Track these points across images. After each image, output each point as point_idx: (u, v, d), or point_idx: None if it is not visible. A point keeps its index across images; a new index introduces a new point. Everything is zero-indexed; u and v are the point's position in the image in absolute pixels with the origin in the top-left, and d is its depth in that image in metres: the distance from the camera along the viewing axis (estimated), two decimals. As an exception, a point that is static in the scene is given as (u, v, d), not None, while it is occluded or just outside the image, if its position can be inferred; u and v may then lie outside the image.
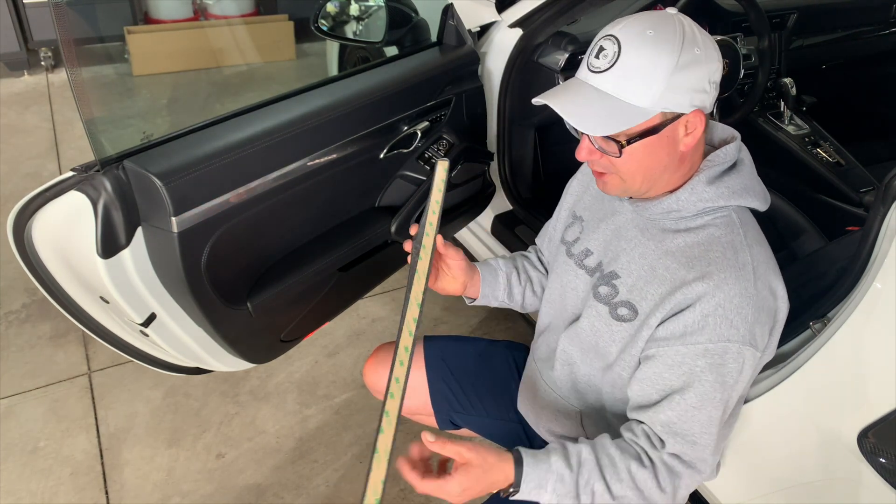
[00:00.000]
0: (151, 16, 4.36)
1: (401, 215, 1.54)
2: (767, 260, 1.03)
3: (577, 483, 0.99)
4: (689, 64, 0.92)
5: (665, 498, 1.01)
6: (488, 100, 1.76)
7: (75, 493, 1.77)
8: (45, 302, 1.94)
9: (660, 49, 0.91)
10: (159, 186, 1.04)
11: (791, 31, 2.11)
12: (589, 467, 0.99)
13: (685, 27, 0.94)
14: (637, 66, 0.92)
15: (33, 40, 4.05)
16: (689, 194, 1.01)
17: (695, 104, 0.95)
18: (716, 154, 1.03)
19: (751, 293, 0.96)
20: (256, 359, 1.48)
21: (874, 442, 1.05)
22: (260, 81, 4.07)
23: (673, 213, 1.02)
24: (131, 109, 3.66)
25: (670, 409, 0.99)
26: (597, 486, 0.99)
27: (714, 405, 0.99)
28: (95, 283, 1.15)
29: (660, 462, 1.00)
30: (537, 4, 1.71)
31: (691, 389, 0.98)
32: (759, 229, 1.06)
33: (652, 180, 1.02)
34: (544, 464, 0.99)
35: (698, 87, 0.94)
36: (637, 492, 1.00)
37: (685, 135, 0.97)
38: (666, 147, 0.98)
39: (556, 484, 0.99)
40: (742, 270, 0.97)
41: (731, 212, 1.02)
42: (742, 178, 1.03)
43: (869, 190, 1.87)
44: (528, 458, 0.99)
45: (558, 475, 0.99)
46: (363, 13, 1.95)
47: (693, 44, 0.93)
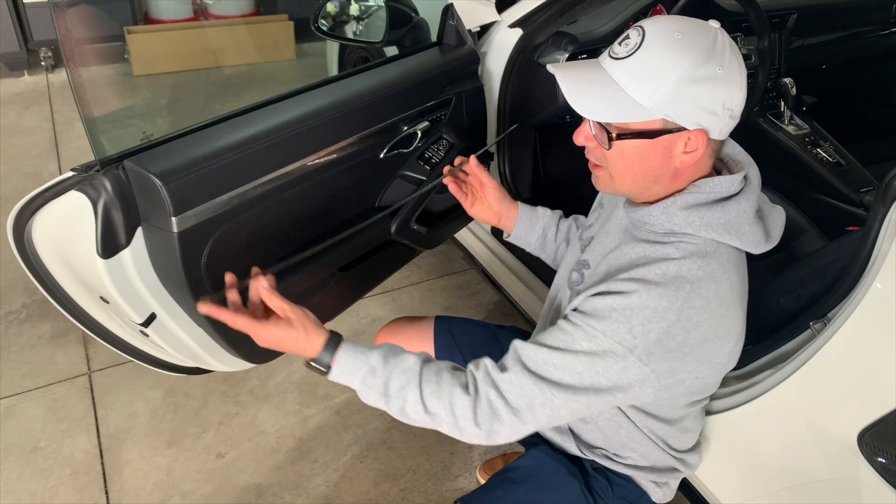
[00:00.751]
0: (151, 16, 4.36)
1: (401, 215, 1.54)
2: (719, 305, 0.95)
3: (389, 383, 1.00)
4: (704, 79, 0.88)
5: (478, 434, 0.98)
6: (488, 100, 1.76)
7: (75, 493, 1.77)
8: (45, 302, 1.94)
9: (680, 54, 0.88)
10: (159, 186, 1.04)
11: (791, 31, 2.11)
12: (409, 375, 1.00)
13: (717, 43, 0.90)
14: (651, 63, 0.90)
15: (33, 40, 4.05)
16: (660, 212, 0.97)
17: (700, 123, 0.91)
18: (706, 182, 0.97)
19: (669, 317, 0.91)
20: (256, 359, 1.48)
21: (874, 442, 1.05)
22: (260, 81, 4.07)
23: (646, 226, 1.00)
24: (131, 109, 3.66)
25: (530, 356, 0.97)
26: (411, 395, 0.99)
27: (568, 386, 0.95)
28: (95, 283, 1.15)
29: (485, 397, 0.97)
30: (537, 4, 1.71)
31: (559, 357, 0.96)
32: (737, 273, 0.99)
33: (641, 186, 1.00)
34: (363, 355, 1.02)
35: (708, 107, 0.90)
36: (452, 416, 0.98)
37: (683, 152, 0.94)
38: (660, 157, 0.95)
39: (367, 375, 1.01)
40: (674, 293, 0.92)
41: (704, 243, 0.96)
42: (726, 214, 0.96)
43: (869, 190, 1.88)
44: (349, 345, 1.03)
45: (370, 368, 1.01)
46: (363, 13, 1.94)
47: (717, 62, 0.89)
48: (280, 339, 1.01)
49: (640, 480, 1.22)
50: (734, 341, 1.02)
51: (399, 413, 1.02)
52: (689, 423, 1.17)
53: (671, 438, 1.17)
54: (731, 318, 0.98)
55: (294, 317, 1.01)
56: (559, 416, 0.97)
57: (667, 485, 1.24)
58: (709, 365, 1.01)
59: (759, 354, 1.32)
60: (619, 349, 0.92)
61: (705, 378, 1.03)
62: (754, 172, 1.03)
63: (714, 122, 0.92)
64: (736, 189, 0.98)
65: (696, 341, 0.94)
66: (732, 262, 0.98)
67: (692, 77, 0.88)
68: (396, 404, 1.01)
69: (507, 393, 0.97)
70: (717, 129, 0.93)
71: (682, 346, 0.94)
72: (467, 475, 1.90)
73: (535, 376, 0.96)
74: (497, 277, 2.13)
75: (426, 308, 2.47)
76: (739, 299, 1.00)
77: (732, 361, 1.07)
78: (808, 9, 2.17)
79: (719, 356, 1.01)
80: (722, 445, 1.33)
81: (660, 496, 1.24)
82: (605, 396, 0.95)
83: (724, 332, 0.98)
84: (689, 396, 1.08)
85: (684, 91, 0.89)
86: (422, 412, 0.99)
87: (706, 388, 1.09)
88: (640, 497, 1.23)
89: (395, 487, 1.84)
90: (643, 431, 1.14)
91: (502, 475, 1.26)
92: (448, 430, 1.00)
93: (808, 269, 1.40)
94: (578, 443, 1.23)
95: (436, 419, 0.99)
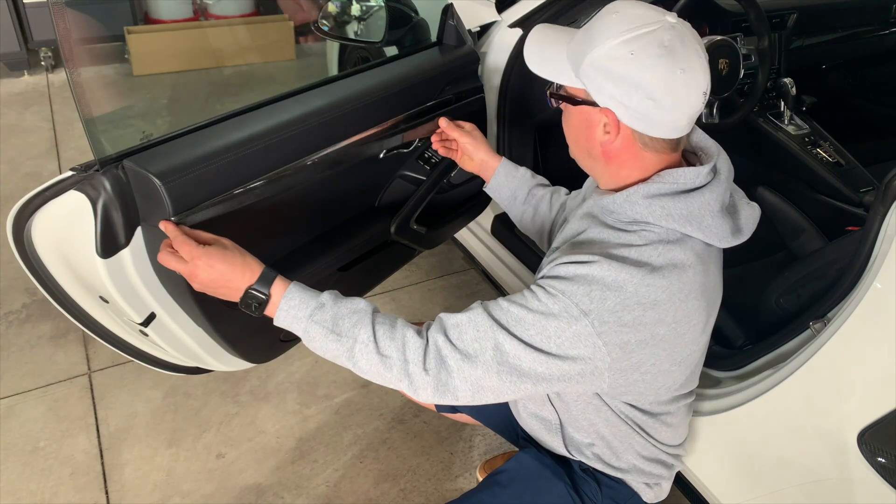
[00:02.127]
0: (151, 16, 4.36)
1: (400, 215, 1.54)
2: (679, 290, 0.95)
3: (339, 321, 0.96)
4: (619, 57, 0.90)
5: (426, 382, 0.95)
6: (488, 100, 1.76)
7: (75, 493, 1.77)
8: (45, 302, 1.94)
9: (609, 30, 0.92)
10: (158, 186, 1.04)
11: (791, 31, 2.10)
12: (361, 315, 0.97)
13: (653, 30, 0.90)
14: (587, 34, 0.95)
15: (33, 40, 4.05)
16: (623, 199, 0.98)
17: (610, 105, 0.94)
18: (670, 172, 0.97)
19: (627, 289, 0.92)
20: (256, 358, 1.48)
21: (874, 442, 1.05)
22: (260, 81, 4.06)
23: (612, 214, 1.01)
24: (131, 109, 3.66)
25: (486, 305, 0.98)
26: (362, 333, 0.96)
27: (518, 339, 0.93)
28: (95, 282, 1.15)
29: (433, 343, 0.96)
30: (537, 4, 1.71)
31: (515, 308, 0.95)
32: (701, 265, 0.99)
33: (582, 158, 1.06)
34: (312, 291, 1.00)
35: (619, 86, 0.91)
36: (403, 359, 0.95)
37: (605, 132, 0.97)
38: (584, 128, 1.00)
39: (316, 311, 0.97)
40: (635, 269, 0.93)
41: (667, 232, 0.97)
42: (689, 205, 0.96)
43: (869, 190, 1.87)
44: (298, 285, 1.00)
45: (319, 303, 0.98)
46: (363, 13, 1.94)
47: (639, 45, 0.89)
48: (219, 269, 0.98)
49: (630, 481, 1.21)
50: (694, 334, 1.01)
51: (347, 356, 0.97)
52: (673, 419, 1.17)
53: (653, 430, 1.16)
54: (691, 307, 0.98)
55: (227, 241, 1.01)
56: (508, 367, 0.93)
57: (658, 485, 1.24)
58: (667, 354, 1.00)
59: (759, 354, 1.32)
60: (575, 310, 0.91)
61: (664, 370, 1.02)
62: (724, 165, 1.02)
63: (622, 110, 0.93)
64: (701, 181, 0.97)
65: (652, 321, 0.94)
66: (697, 253, 0.98)
67: (609, 55, 0.91)
68: (346, 344, 0.96)
69: (456, 337, 0.95)
70: (628, 115, 0.94)
71: (637, 323, 0.93)
72: (467, 475, 1.90)
73: (487, 317, 0.95)
74: (497, 277, 2.13)
75: (426, 308, 2.47)
76: (701, 290, 0.99)
77: (694, 360, 1.06)
78: (808, 9, 2.16)
79: (677, 346, 1.00)
80: (722, 445, 1.33)
81: (651, 496, 1.24)
82: (554, 362, 0.93)
83: (682, 319, 0.97)
84: (652, 390, 1.06)
85: (600, 63, 0.93)
86: (373, 353, 0.95)
87: (668, 384, 1.07)
88: (630, 498, 1.23)
89: (395, 487, 1.84)
90: (620, 416, 1.13)
91: (490, 479, 1.26)
92: (397, 378, 0.96)
93: (808, 269, 1.40)
94: (567, 441, 1.22)
95: (387, 363, 0.95)
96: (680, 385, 1.10)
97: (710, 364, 1.43)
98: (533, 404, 1.25)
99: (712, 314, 1.08)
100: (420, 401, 1.00)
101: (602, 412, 1.13)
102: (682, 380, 1.10)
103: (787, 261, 1.88)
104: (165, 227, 1.03)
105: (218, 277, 0.99)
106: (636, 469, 1.20)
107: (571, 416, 1.18)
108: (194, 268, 0.99)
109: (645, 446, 1.18)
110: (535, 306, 0.94)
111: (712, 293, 1.05)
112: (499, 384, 0.94)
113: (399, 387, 0.97)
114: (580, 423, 1.18)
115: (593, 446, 1.20)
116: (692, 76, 0.91)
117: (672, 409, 1.15)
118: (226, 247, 1.01)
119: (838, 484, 1.14)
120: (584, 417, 1.16)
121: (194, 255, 0.98)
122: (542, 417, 1.25)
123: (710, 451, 1.35)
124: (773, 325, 1.38)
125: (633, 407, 1.12)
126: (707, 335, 1.10)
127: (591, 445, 1.20)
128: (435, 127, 1.46)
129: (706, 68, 0.93)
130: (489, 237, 2.12)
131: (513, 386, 0.95)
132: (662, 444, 1.19)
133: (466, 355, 0.94)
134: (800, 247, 1.93)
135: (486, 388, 0.95)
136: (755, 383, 1.26)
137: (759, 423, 1.25)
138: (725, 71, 1.78)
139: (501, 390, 0.96)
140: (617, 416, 1.13)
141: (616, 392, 1.06)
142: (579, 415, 1.16)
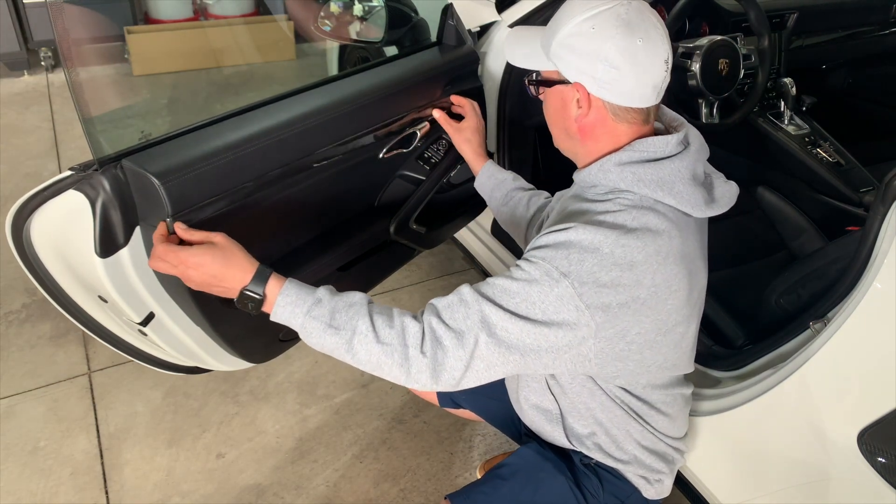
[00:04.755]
0: (151, 16, 4.37)
1: (400, 215, 1.54)
2: (655, 252, 0.98)
3: (336, 314, 0.98)
4: (583, 33, 0.99)
5: (424, 362, 0.96)
6: (488, 100, 1.76)
7: (75, 493, 1.77)
8: (45, 302, 1.94)
9: (572, 9, 1.01)
10: (157, 186, 1.04)
11: (791, 31, 2.10)
12: (357, 308, 0.99)
13: (615, 8, 0.98)
14: (556, 17, 1.04)
15: (33, 40, 4.05)
16: (597, 169, 1.04)
17: (580, 79, 1.01)
18: (640, 141, 1.03)
19: (603, 250, 0.95)
20: (255, 358, 1.48)
21: (874, 442, 1.05)
22: (260, 81, 4.06)
23: (591, 188, 1.06)
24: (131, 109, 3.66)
25: (475, 285, 1.00)
26: (361, 324, 0.97)
27: (505, 309, 0.95)
28: (93, 282, 1.15)
29: (428, 325, 0.98)
30: (537, 4, 1.71)
31: (500, 281, 0.98)
32: (678, 231, 1.02)
33: (562, 140, 1.12)
34: (309, 287, 1.01)
35: (585, 59, 0.99)
36: (403, 345, 0.96)
37: (577, 108, 1.03)
38: (560, 108, 1.07)
39: (313, 306, 0.98)
40: (609, 230, 0.96)
41: (641, 199, 1.00)
42: (660, 171, 1.01)
43: (869, 190, 1.87)
44: (294, 282, 1.01)
45: (317, 299, 0.99)
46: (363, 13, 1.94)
47: (601, 21, 0.97)
48: (209, 270, 0.98)
49: (630, 476, 1.22)
50: (677, 302, 1.02)
51: (346, 348, 0.97)
52: (669, 408, 1.18)
53: (648, 416, 1.17)
54: (670, 271, 1.00)
55: (219, 238, 1.01)
56: (497, 339, 0.95)
57: (660, 482, 1.24)
58: (651, 322, 1.01)
59: (759, 354, 1.32)
60: (555, 273, 0.95)
61: (650, 341, 1.03)
62: (695, 139, 1.08)
63: (590, 81, 1.00)
64: (671, 151, 1.03)
65: (630, 282, 0.96)
66: (671, 220, 1.01)
67: (573, 32, 0.99)
68: (344, 336, 0.97)
69: (448, 316, 0.98)
70: (596, 86, 1.00)
71: (615, 284, 0.95)
72: (467, 475, 1.90)
73: (475, 293, 0.98)
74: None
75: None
76: (680, 256, 1.02)
77: (680, 334, 1.07)
78: (808, 9, 2.16)
79: (660, 314, 1.01)
80: (722, 445, 1.33)
81: (652, 493, 1.24)
82: (542, 329, 0.95)
83: (661, 283, 0.99)
84: (643, 368, 1.07)
85: (567, 41, 1.00)
86: (372, 342, 0.96)
87: (658, 361, 1.07)
88: (631, 494, 1.23)
89: (395, 487, 1.84)
90: (615, 401, 1.14)
91: (491, 472, 1.27)
92: (397, 364, 0.97)
93: (808, 269, 1.40)
94: (568, 431, 1.23)
95: (387, 350, 0.96)
96: (672, 365, 1.11)
97: (710, 364, 1.43)
98: (534, 395, 1.26)
99: (696, 287, 1.09)
100: (419, 388, 1.00)
101: (597, 396, 1.14)
102: (674, 358, 1.10)
103: (787, 261, 1.88)
104: (153, 236, 1.03)
105: (209, 280, 0.99)
106: (636, 460, 1.20)
107: (570, 403, 1.19)
108: (185, 270, 0.99)
109: (643, 434, 1.18)
110: (518, 275, 0.97)
111: (693, 263, 1.06)
112: (489, 358, 0.96)
113: (398, 375, 0.98)
114: (579, 410, 1.19)
115: (594, 435, 1.20)
116: (650, 45, 0.98)
117: (667, 397, 1.16)
118: (217, 245, 1.00)
119: (838, 484, 1.13)
120: (581, 402, 1.17)
121: (181, 261, 0.99)
122: (542, 408, 1.25)
123: (710, 451, 1.35)
124: (773, 325, 1.38)
125: (626, 392, 1.14)
126: (694, 311, 1.10)
127: (592, 435, 1.21)
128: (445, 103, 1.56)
129: (665, 38, 1.00)
130: (489, 237, 2.12)
131: (502, 359, 0.96)
132: (661, 433, 1.19)
133: (459, 332, 0.96)
134: (800, 247, 1.93)
135: (477, 366, 0.97)
136: (755, 383, 1.26)
137: (759, 423, 1.25)
138: (725, 71, 1.77)
139: (492, 365, 0.97)
140: (612, 401, 1.14)
141: (606, 372, 1.06)
142: (577, 399, 1.17)
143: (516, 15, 1.76)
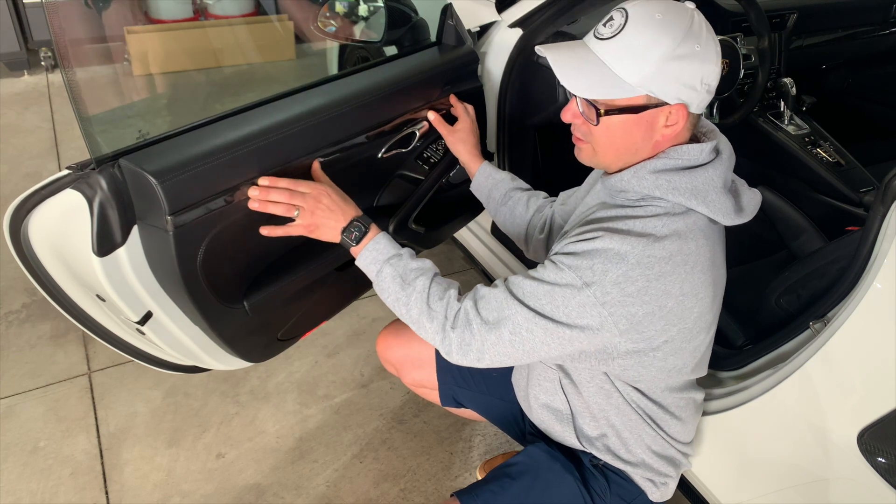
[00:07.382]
0: (151, 16, 4.36)
1: (399, 215, 1.54)
2: (683, 262, 0.99)
3: (408, 270, 1.13)
4: (684, 56, 0.94)
5: (453, 335, 1.07)
6: (488, 100, 1.76)
7: (75, 492, 1.76)
8: (45, 302, 1.94)
9: (661, 33, 0.94)
10: (155, 185, 1.04)
11: (791, 31, 2.10)
12: (425, 272, 1.13)
13: (694, 22, 0.95)
14: (635, 43, 0.95)
15: (33, 40, 4.06)
16: (631, 175, 1.03)
17: (681, 98, 0.97)
18: (675, 149, 1.02)
19: (629, 260, 0.96)
20: (254, 358, 1.48)
21: (874, 442, 1.04)
22: (260, 81, 4.06)
23: (621, 193, 1.05)
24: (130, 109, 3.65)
25: (511, 280, 1.06)
26: (420, 285, 1.11)
27: (531, 309, 1.01)
28: (91, 281, 1.15)
29: (464, 307, 1.07)
30: (537, 4, 1.71)
31: (529, 283, 1.03)
32: (706, 239, 1.02)
33: (622, 159, 1.06)
34: (396, 244, 1.17)
35: (688, 82, 0.96)
36: (444, 317, 1.08)
37: (665, 125, 1.00)
38: (643, 131, 1.01)
39: (394, 258, 1.14)
40: (636, 240, 0.97)
41: (672, 206, 1.01)
42: (693, 180, 1.00)
43: (869, 190, 1.87)
44: (386, 234, 1.18)
45: (398, 253, 1.15)
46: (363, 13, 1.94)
47: (695, 40, 0.95)
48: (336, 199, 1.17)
49: (637, 479, 1.22)
50: (703, 307, 1.04)
51: (405, 300, 1.11)
52: (682, 412, 1.18)
53: (663, 422, 1.17)
54: (697, 279, 1.01)
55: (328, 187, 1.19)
56: (521, 338, 1.02)
57: (665, 485, 1.24)
58: (677, 329, 1.02)
59: (759, 354, 1.31)
60: (578, 282, 0.97)
61: (676, 347, 1.04)
62: (726, 147, 1.08)
63: (693, 97, 0.98)
64: (705, 159, 1.03)
65: (658, 292, 0.97)
66: (701, 228, 1.02)
67: (673, 55, 0.94)
68: (407, 290, 1.11)
69: (482, 305, 1.06)
70: (695, 103, 0.99)
71: (642, 294, 0.96)
72: (467, 475, 1.89)
73: (507, 293, 1.04)
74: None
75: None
76: (709, 265, 1.03)
77: (702, 335, 1.08)
78: (808, 9, 2.16)
79: (687, 320, 1.02)
80: (722, 445, 1.33)
81: (657, 496, 1.24)
82: (564, 330, 1.00)
83: (689, 291, 1.00)
84: (663, 373, 1.09)
85: (667, 68, 0.95)
86: (423, 303, 1.09)
87: (678, 366, 1.09)
88: (637, 496, 1.23)
89: (395, 487, 1.84)
90: (631, 405, 1.14)
91: (499, 470, 1.26)
92: (435, 330, 1.09)
93: (808, 269, 1.40)
94: (578, 432, 1.23)
95: (431, 315, 1.09)
96: (691, 369, 1.12)
97: (710, 364, 1.43)
98: (544, 394, 1.26)
99: (718, 294, 1.10)
100: (450, 358, 1.09)
101: (613, 398, 1.15)
102: (693, 363, 1.11)
103: (787, 261, 1.88)
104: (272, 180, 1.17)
105: (333, 206, 1.16)
106: (644, 464, 1.21)
107: (584, 404, 1.19)
108: (319, 194, 1.16)
109: (655, 439, 1.18)
110: (545, 277, 1.02)
111: (717, 270, 1.07)
112: (511, 350, 1.04)
113: (434, 338, 1.10)
114: (592, 412, 1.19)
115: (605, 437, 1.21)
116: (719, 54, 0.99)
117: (681, 401, 1.17)
118: (331, 189, 1.18)
119: (838, 484, 1.13)
120: (595, 404, 1.17)
121: (316, 185, 1.17)
122: (553, 408, 1.25)
123: (710, 451, 1.35)
124: (773, 325, 1.38)
125: (643, 395, 1.14)
126: (714, 317, 1.11)
127: (603, 437, 1.21)
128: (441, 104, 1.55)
129: None
130: (489, 237, 2.12)
131: (524, 353, 1.04)
132: (673, 438, 1.20)
133: (486, 322, 1.04)
134: (800, 247, 1.93)
135: (500, 353, 1.05)
136: (755, 383, 1.26)
137: (759, 423, 1.25)
138: (725, 71, 1.77)
139: (514, 356, 1.05)
140: (628, 405, 1.15)
141: (628, 374, 1.09)
142: (591, 401, 1.17)
143: (516, 15, 1.76)
